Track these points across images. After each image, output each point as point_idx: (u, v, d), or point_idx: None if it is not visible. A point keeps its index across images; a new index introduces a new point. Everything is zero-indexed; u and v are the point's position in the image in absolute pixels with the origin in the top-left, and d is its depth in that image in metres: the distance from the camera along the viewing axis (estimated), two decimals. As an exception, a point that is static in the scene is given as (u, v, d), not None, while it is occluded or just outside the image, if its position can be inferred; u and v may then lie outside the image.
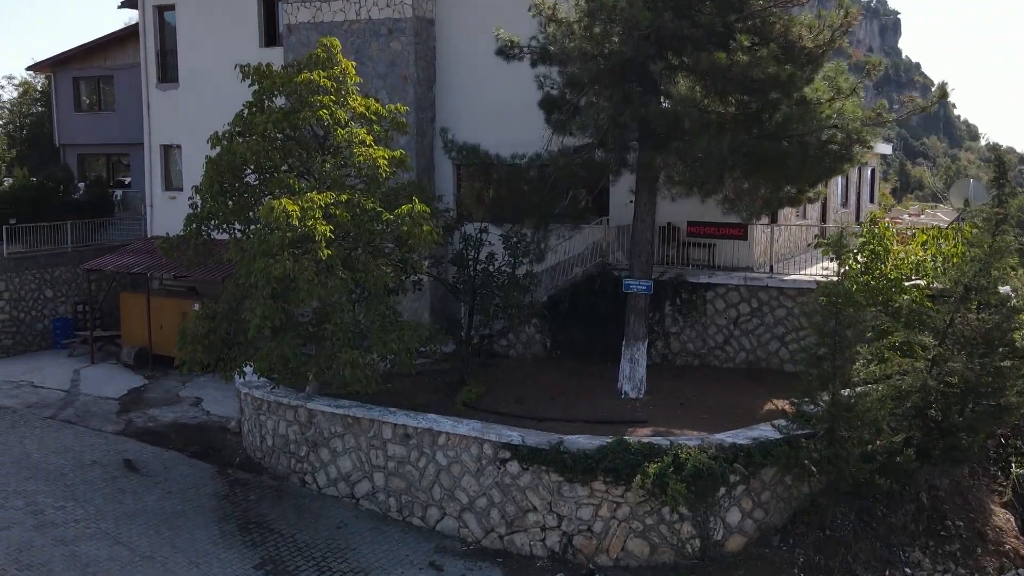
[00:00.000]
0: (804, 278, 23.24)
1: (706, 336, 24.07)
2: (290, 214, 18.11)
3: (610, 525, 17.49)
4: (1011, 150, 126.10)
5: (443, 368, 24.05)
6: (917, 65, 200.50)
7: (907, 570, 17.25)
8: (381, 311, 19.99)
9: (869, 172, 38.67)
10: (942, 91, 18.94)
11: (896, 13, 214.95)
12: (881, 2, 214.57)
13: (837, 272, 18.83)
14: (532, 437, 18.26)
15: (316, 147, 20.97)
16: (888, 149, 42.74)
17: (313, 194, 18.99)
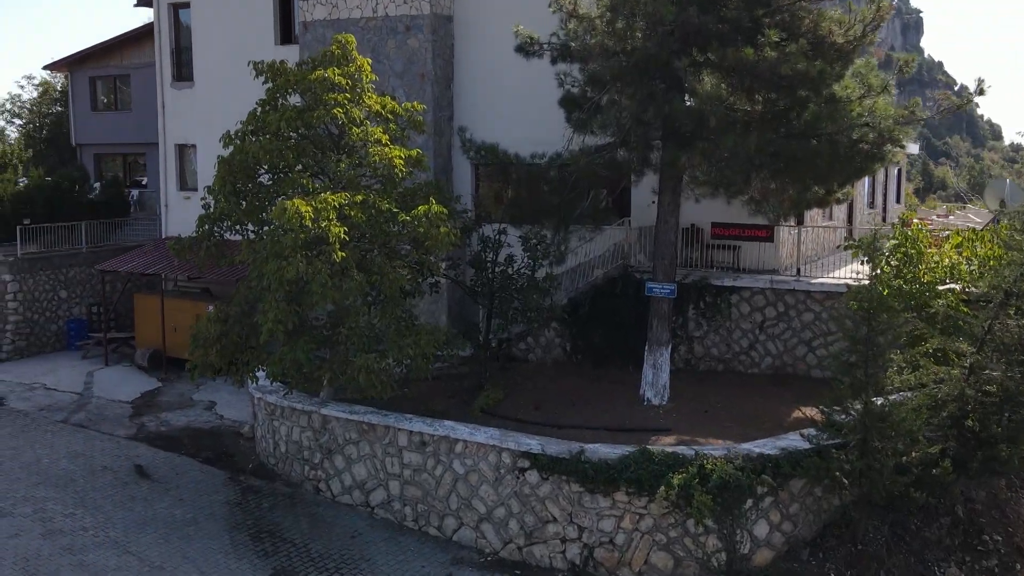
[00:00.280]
0: (832, 281, 22.55)
1: (731, 341, 23.42)
2: (303, 215, 17.61)
3: (633, 537, 16.90)
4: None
5: (461, 372, 23.53)
6: (940, 64, 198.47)
7: (942, 586, 16.61)
8: (397, 315, 19.49)
9: (896, 172, 37.88)
10: (979, 88, 18.20)
11: (918, 12, 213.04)
12: (903, 1, 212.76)
13: (868, 276, 18.14)
14: (552, 446, 17.70)
15: (331, 146, 20.47)
16: (915, 148, 41.93)
17: (327, 195, 18.49)
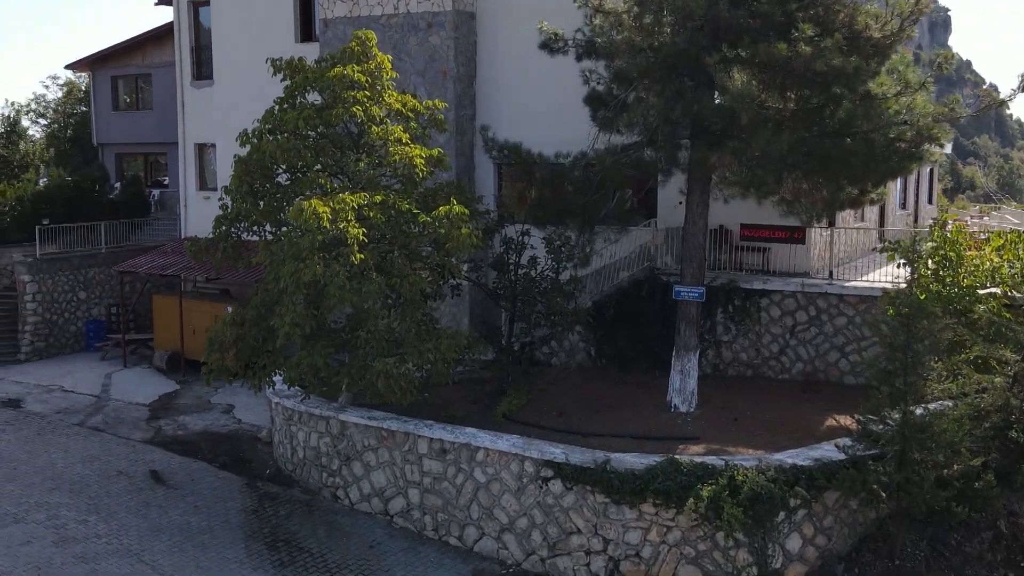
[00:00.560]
0: (867, 284, 21.81)
1: (760, 345, 22.74)
2: (320, 216, 17.12)
3: (660, 550, 16.31)
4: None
5: (482, 376, 22.99)
6: (968, 63, 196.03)
7: (984, 604, 15.89)
8: (417, 318, 18.97)
9: (928, 172, 36.98)
10: (1022, 84, 17.44)
11: (946, 10, 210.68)
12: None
13: (906, 279, 17.43)
14: (576, 454, 17.12)
15: (350, 145, 19.99)
16: (949, 148, 40.96)
17: (345, 195, 17.99)
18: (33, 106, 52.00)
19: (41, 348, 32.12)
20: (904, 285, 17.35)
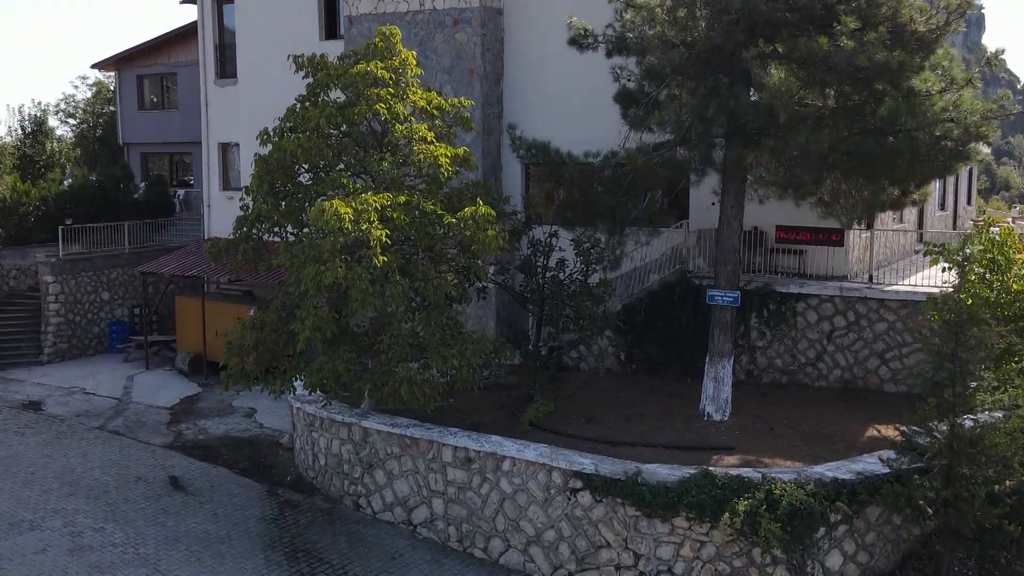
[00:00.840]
0: (908, 289, 20.97)
1: (796, 351, 21.96)
2: (342, 217, 16.57)
3: (693, 566, 15.62)
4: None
5: (509, 382, 22.38)
6: (1002, 61, 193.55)
7: (1036, 627, 15.09)
8: (442, 322, 18.35)
9: (967, 172, 35.98)
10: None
11: (980, 8, 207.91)
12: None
13: (954, 285, 16.62)
14: (606, 465, 16.47)
15: (373, 144, 19.43)
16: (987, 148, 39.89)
17: (368, 195, 17.43)
18: (63, 106, 52.15)
19: (64, 350, 31.84)
20: (950, 290, 16.56)
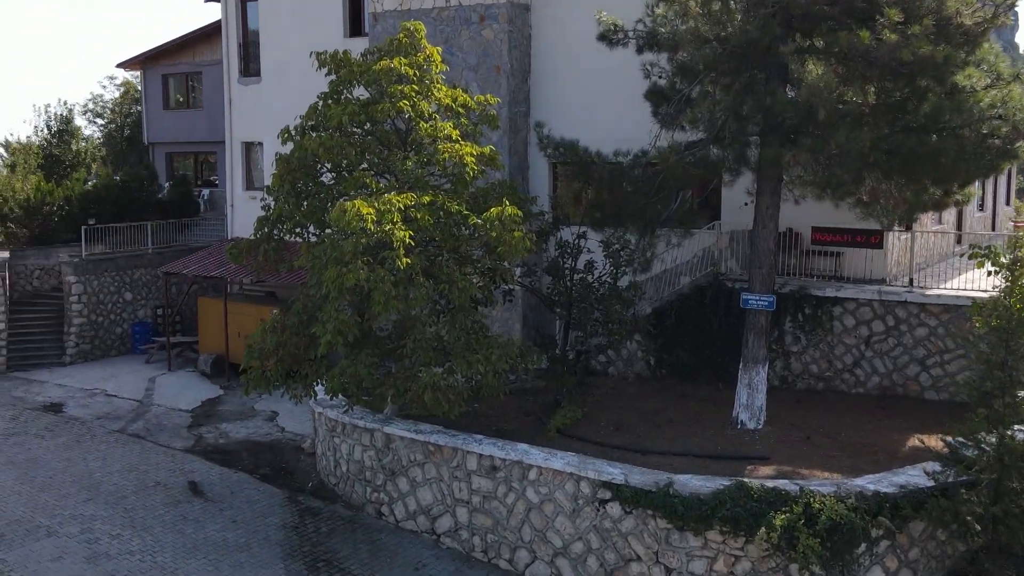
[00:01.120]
0: (952, 293, 20.20)
1: (832, 357, 21.24)
2: (364, 217, 16.06)
3: (727, 582, 15.01)
4: None
5: (535, 387, 21.82)
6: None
7: (1090, 650, 14.32)
8: (467, 325, 17.81)
9: (1007, 172, 34.98)
10: None
11: (1014, 4, 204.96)
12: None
13: (1002, 289, 15.87)
14: (636, 475, 15.87)
15: (397, 143, 18.94)
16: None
17: (391, 195, 16.92)
18: (91, 106, 52.23)
19: (86, 350, 31.61)
20: (998, 294, 15.80)
